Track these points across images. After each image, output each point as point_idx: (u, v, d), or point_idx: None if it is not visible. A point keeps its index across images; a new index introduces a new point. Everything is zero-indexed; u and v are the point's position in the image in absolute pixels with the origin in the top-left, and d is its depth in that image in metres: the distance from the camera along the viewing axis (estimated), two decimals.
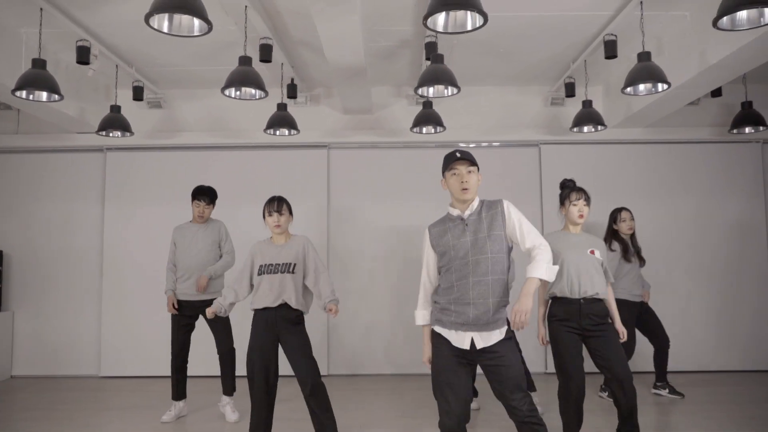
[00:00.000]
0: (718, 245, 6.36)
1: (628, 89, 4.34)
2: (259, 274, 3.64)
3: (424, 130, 5.66)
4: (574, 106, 6.35)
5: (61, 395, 5.48)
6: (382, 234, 6.40)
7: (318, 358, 6.30)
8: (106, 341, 6.25)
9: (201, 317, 4.61)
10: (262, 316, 3.61)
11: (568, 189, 3.69)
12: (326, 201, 6.42)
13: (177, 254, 4.66)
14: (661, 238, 6.35)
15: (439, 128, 5.56)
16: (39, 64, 4.20)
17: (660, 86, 4.33)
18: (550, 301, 3.57)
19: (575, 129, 5.59)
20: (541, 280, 2.66)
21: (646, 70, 4.19)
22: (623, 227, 5.00)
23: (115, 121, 5.40)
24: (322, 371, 6.24)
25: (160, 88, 6.34)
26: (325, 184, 6.43)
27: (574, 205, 3.60)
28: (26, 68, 4.46)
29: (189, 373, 4.70)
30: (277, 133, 5.59)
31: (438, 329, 2.78)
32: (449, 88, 4.31)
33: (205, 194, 4.73)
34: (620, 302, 4.44)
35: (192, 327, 4.67)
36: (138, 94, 5.79)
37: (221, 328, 4.55)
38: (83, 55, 4.72)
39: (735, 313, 6.29)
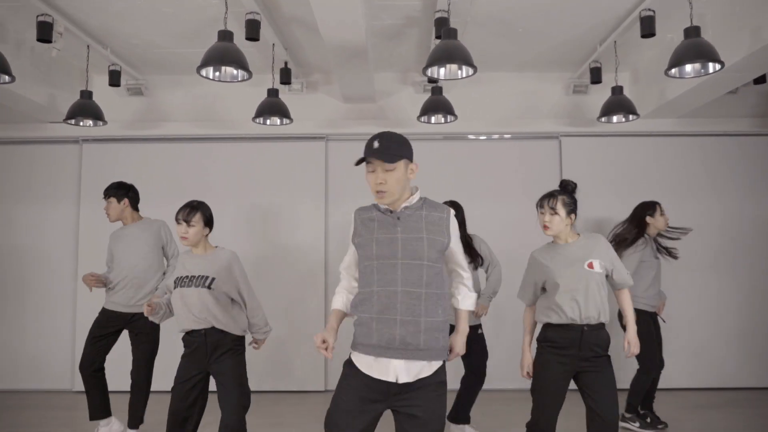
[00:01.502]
0: (756, 249, 5.74)
1: (673, 71, 3.72)
2: (174, 288, 3.17)
3: (433, 119, 5.05)
4: (597, 95, 5.74)
5: (28, 414, 4.92)
6: None
7: (315, 372, 5.81)
8: (81, 353, 5.65)
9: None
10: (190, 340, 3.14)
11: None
12: (324, 198, 5.82)
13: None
14: (690, 239, 5.72)
15: (450, 117, 4.95)
16: None
17: (711, 66, 3.69)
18: (541, 325, 3.02)
19: (604, 119, 4.97)
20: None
21: (695, 48, 3.56)
22: (661, 223, 4.41)
23: (86, 109, 4.80)
24: (319, 386, 5.70)
25: (141, 74, 5.75)
26: (322, 179, 5.82)
27: (541, 213, 3.01)
28: None
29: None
30: (268, 122, 5.00)
31: (354, 356, 2.21)
32: (464, 68, 3.69)
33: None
34: (637, 312, 3.88)
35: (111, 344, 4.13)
36: (114, 78, 5.20)
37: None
38: (45, 32, 4.13)
39: None
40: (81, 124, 4.96)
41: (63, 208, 5.88)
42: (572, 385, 2.91)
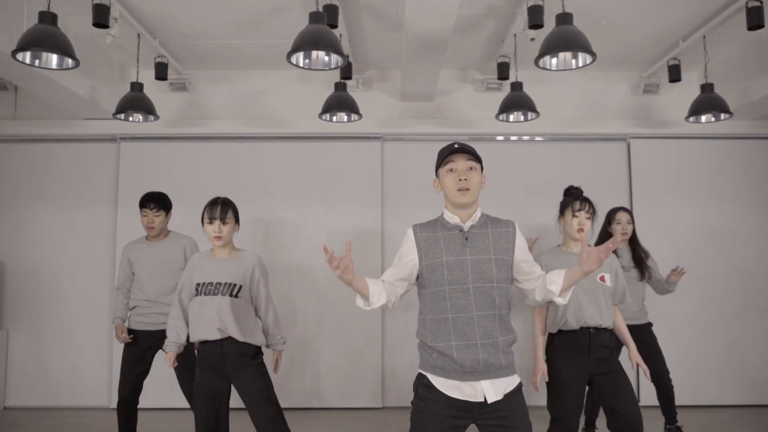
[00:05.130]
0: None
1: None
2: (196, 295, 2.96)
3: (512, 117, 4.71)
4: (666, 96, 5.48)
5: None
6: None
7: (372, 388, 5.41)
8: (119, 367, 5.22)
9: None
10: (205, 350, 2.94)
11: (572, 197, 3.12)
12: (380, 201, 5.46)
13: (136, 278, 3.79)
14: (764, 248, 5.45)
15: (531, 115, 4.62)
16: (48, 18, 3.24)
17: None
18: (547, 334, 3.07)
19: (692, 119, 4.66)
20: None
21: None
22: (617, 230, 4.10)
23: (136, 102, 4.42)
24: (377, 403, 5.31)
25: (185, 68, 5.37)
26: (378, 182, 5.46)
27: (575, 216, 3.00)
28: None
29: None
30: (334, 118, 4.65)
31: (433, 378, 2.12)
32: (581, 56, 3.36)
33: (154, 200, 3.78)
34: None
35: (147, 366, 3.79)
36: (161, 71, 4.82)
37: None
38: (102, 16, 3.74)
39: None
40: (131, 118, 4.58)
41: (99, 211, 5.47)
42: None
